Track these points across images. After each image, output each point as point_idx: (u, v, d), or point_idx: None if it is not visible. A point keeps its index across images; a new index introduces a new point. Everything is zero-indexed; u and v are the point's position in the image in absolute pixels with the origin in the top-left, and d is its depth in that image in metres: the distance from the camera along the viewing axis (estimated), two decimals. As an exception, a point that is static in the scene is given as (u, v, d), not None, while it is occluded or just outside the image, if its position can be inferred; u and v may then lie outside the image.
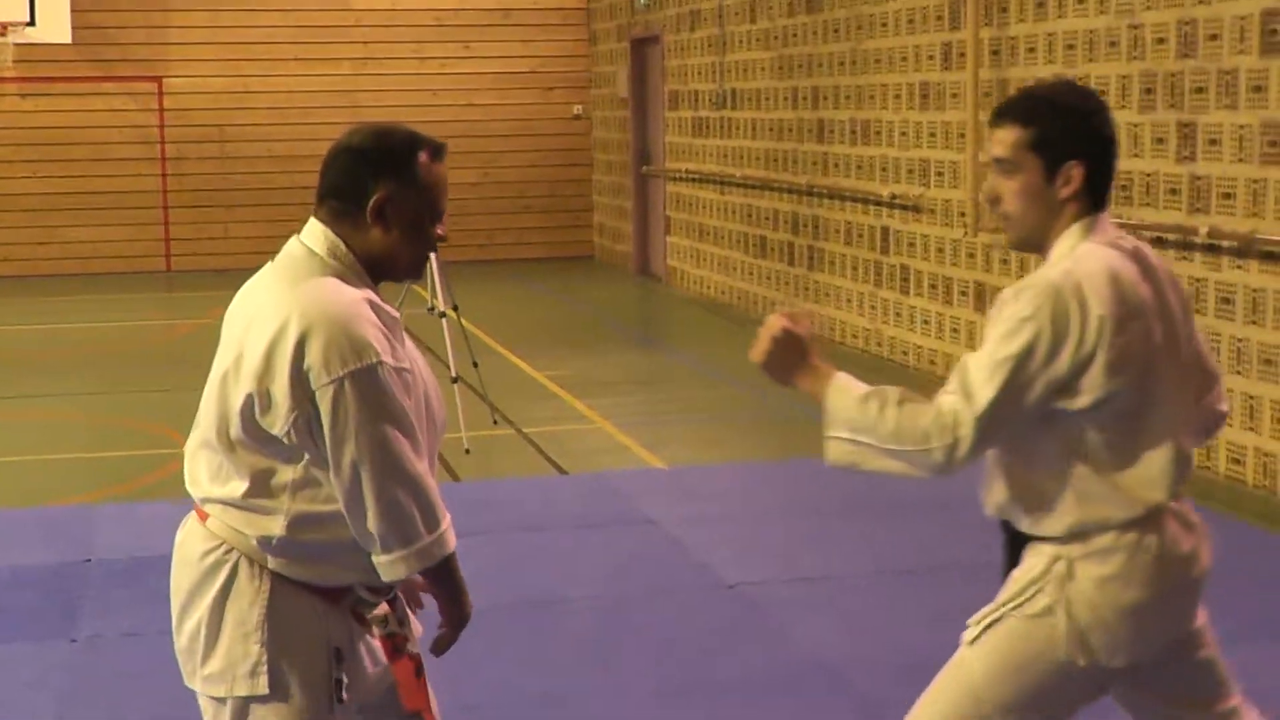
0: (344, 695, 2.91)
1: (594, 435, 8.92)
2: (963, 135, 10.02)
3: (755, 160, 13.47)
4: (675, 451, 8.45)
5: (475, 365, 9.17)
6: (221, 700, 2.91)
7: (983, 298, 9.90)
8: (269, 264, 2.98)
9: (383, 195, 2.91)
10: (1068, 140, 2.98)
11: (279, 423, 2.79)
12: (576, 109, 17.96)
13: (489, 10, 17.60)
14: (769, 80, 13.09)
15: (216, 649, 2.91)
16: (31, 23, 15.40)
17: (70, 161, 16.73)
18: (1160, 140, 8.08)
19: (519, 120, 17.85)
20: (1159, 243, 7.89)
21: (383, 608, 3.02)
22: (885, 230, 11.16)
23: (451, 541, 2.90)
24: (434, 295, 8.89)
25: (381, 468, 2.79)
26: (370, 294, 2.90)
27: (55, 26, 15.63)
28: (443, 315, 8.77)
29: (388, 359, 2.80)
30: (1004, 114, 3.04)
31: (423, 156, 2.94)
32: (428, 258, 3.04)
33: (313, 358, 2.76)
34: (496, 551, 6.41)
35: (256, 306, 2.87)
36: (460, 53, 17.59)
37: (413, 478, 2.82)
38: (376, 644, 3.02)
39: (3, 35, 15.30)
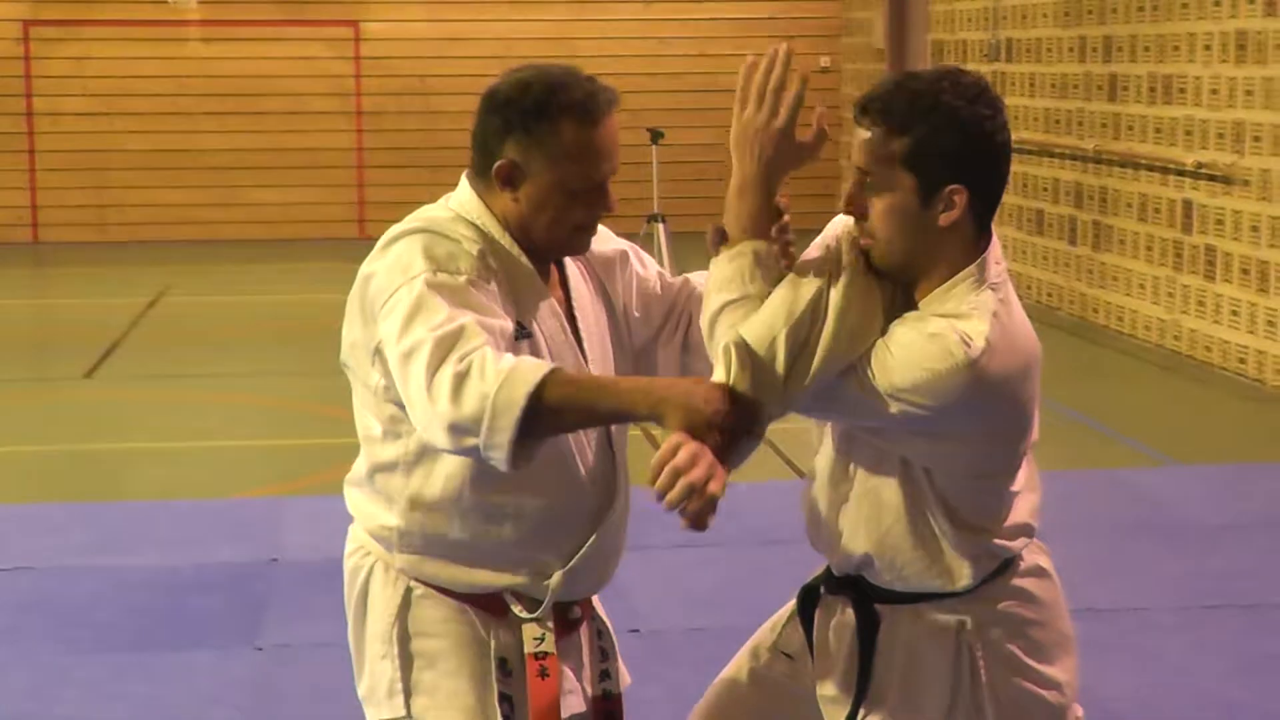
0: (513, 716, 2.84)
1: (841, 436, 8.83)
2: (1286, 94, 9.73)
3: (1033, 122, 13.26)
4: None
5: (706, 352, 9.14)
6: None
7: (1306, 286, 9.59)
8: None
9: (508, 160, 2.81)
10: (952, 157, 2.73)
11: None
12: (824, 61, 17.84)
13: (726, -54, 17.64)
14: (1051, 28, 12.87)
15: (364, 666, 2.90)
16: (220, -40, 15.86)
17: (258, 115, 17.16)
18: None
19: (758, 73, 17.76)
20: None
21: (535, 627, 2.87)
22: (1188, 204, 10.89)
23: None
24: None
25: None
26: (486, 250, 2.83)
27: (245, -36, 16.07)
28: (671, 294, 8.76)
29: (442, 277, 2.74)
30: (871, 109, 2.73)
31: (568, 122, 2.77)
32: (583, 236, 2.90)
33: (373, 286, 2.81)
34: (729, 568, 6.39)
35: None
36: (692, -5, 17.63)
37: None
38: (584, 659, 2.97)
39: (188, -26, 15.78)
